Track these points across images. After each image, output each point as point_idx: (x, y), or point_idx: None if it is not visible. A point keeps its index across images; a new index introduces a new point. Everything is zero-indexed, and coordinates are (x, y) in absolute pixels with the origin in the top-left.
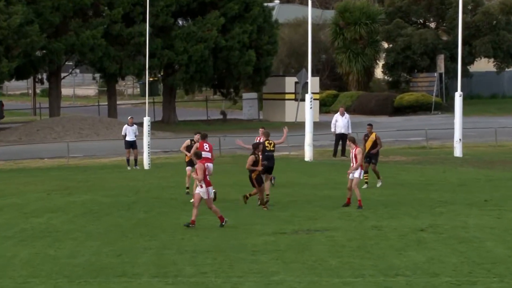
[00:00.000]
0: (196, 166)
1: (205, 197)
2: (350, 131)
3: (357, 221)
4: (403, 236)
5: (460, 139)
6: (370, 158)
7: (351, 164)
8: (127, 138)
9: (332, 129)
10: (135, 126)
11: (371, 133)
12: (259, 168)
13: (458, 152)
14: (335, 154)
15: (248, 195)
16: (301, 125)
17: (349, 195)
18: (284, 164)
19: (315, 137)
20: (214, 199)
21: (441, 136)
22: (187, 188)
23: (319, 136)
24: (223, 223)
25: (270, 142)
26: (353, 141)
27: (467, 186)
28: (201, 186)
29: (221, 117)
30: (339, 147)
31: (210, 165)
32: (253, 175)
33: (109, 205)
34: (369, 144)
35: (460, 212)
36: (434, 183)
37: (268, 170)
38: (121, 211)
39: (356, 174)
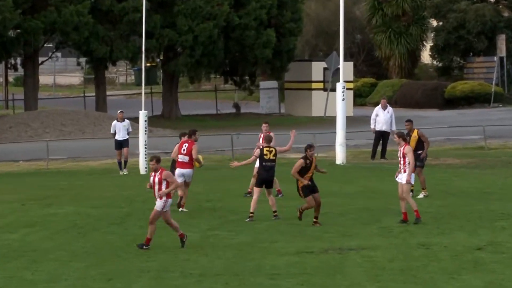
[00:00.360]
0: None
1: (159, 209)
2: (393, 128)
3: (400, 238)
4: (456, 257)
5: None
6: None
7: (400, 166)
8: (117, 137)
9: (372, 126)
10: (126, 121)
11: (412, 130)
12: (304, 181)
13: None
14: (373, 155)
15: (301, 210)
16: (331, 121)
17: (403, 207)
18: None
19: (348, 135)
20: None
21: (503, 134)
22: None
23: (354, 134)
24: (184, 240)
25: (271, 149)
26: (403, 137)
27: None
28: (160, 198)
29: (233, 110)
30: (379, 148)
31: (186, 171)
32: (299, 184)
33: (98, 219)
34: (412, 144)
35: None
36: (494, 192)
37: (266, 183)
38: (112, 226)
39: (404, 178)
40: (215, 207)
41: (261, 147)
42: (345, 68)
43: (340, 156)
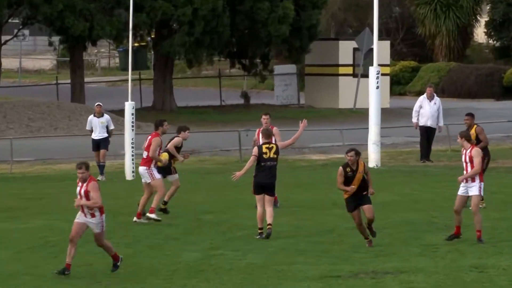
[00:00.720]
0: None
1: (98, 230)
2: (441, 123)
3: (447, 259)
4: None
5: None
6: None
7: (464, 172)
8: (93, 135)
9: (414, 120)
10: (105, 117)
11: (472, 126)
12: (349, 189)
13: None
14: (425, 156)
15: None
16: (363, 114)
17: (458, 221)
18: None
19: (384, 132)
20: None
21: None
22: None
23: (390, 130)
24: (118, 263)
25: (271, 145)
26: (467, 137)
27: None
28: (93, 215)
29: (241, 101)
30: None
31: (140, 169)
32: (344, 196)
33: None
34: None
35: None
36: None
37: (266, 188)
38: (92, 244)
39: (475, 189)
40: (218, 221)
41: (258, 144)
42: (380, 49)
43: (373, 158)
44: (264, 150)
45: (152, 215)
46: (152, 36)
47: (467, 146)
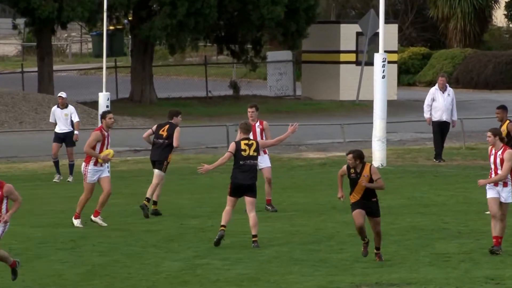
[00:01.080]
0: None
1: None
2: (455, 117)
3: (460, 269)
4: None
5: None
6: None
7: (491, 173)
8: (57, 129)
9: (426, 115)
10: (70, 108)
11: (504, 121)
12: (339, 194)
13: None
14: (439, 155)
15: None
16: (367, 107)
17: (498, 230)
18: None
19: (390, 127)
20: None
21: None
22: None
23: (398, 125)
24: (17, 268)
25: (251, 142)
26: (500, 135)
27: None
28: (5, 222)
29: (230, 92)
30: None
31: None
32: (351, 199)
33: (42, 242)
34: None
35: None
36: None
37: (245, 190)
38: (63, 252)
39: (505, 193)
40: (203, 227)
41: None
42: (387, 33)
43: (378, 156)
44: (243, 146)
45: (77, 222)
46: (130, 19)
47: (499, 146)
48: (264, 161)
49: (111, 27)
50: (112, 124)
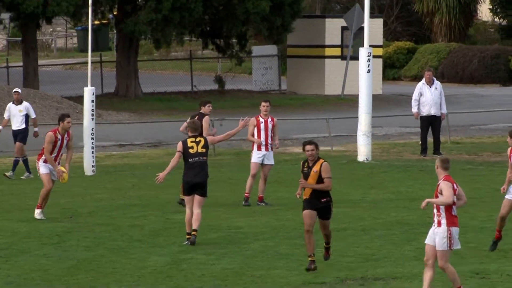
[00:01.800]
0: None
1: None
2: (444, 111)
3: None
4: None
5: None
6: None
7: (509, 172)
8: (13, 126)
9: (414, 109)
10: (24, 104)
11: None
12: (300, 184)
13: None
14: (424, 150)
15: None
16: (352, 101)
17: (500, 226)
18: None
19: (375, 121)
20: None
21: None
22: None
23: (383, 120)
24: None
25: (198, 139)
26: None
27: None
28: None
29: (215, 86)
30: (430, 138)
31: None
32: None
33: (27, 237)
34: None
35: None
36: None
37: (194, 188)
38: (48, 247)
39: None
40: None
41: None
42: (372, 28)
43: (363, 150)
44: (190, 144)
45: (37, 213)
46: (115, 13)
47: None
48: (269, 158)
49: (96, 22)
50: (69, 128)
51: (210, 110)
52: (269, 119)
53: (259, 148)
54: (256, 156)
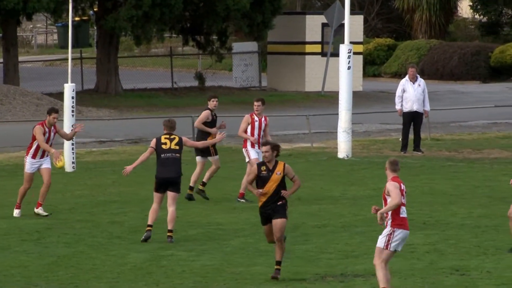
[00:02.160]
0: None
1: None
2: (427, 108)
3: (425, 260)
4: (502, 286)
5: None
6: None
7: None
8: None
9: (397, 106)
10: None
11: None
12: (256, 192)
13: None
14: (405, 147)
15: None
16: (333, 98)
17: None
18: (303, 164)
19: (356, 118)
20: None
21: None
22: None
23: (363, 117)
24: None
25: (173, 136)
26: None
27: None
28: None
29: (196, 83)
30: (411, 136)
31: None
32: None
33: (6, 233)
34: None
35: None
36: None
37: (169, 184)
38: (28, 243)
39: None
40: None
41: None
42: (353, 24)
43: (343, 147)
44: (164, 140)
45: (16, 213)
46: (95, 10)
47: None
48: (260, 157)
49: (77, 18)
50: (55, 123)
51: (215, 104)
52: (263, 118)
53: (253, 146)
54: (254, 152)
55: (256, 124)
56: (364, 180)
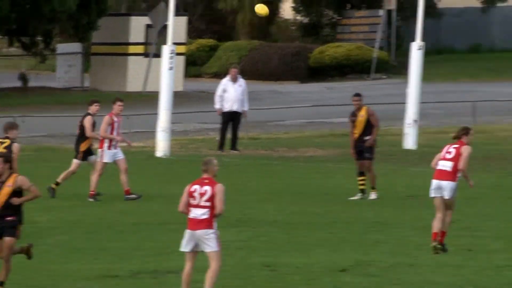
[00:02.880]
0: None
1: None
2: (246, 108)
3: (237, 256)
4: (311, 281)
5: (415, 120)
6: (362, 150)
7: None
8: None
9: (217, 105)
10: None
11: (361, 108)
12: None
13: (410, 142)
14: (222, 146)
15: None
16: (153, 98)
17: (437, 227)
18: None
19: (175, 118)
20: None
21: (387, 116)
22: None
23: (183, 116)
24: None
25: (5, 141)
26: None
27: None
28: None
29: (19, 83)
30: (229, 135)
31: None
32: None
33: None
34: (359, 126)
35: (409, 239)
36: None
37: None
38: None
39: (448, 191)
40: None
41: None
42: (176, 26)
43: (162, 146)
44: None
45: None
46: None
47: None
48: (120, 154)
49: None
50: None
51: (97, 109)
52: (121, 119)
53: (109, 147)
54: (109, 156)
55: (116, 124)
56: (182, 178)
